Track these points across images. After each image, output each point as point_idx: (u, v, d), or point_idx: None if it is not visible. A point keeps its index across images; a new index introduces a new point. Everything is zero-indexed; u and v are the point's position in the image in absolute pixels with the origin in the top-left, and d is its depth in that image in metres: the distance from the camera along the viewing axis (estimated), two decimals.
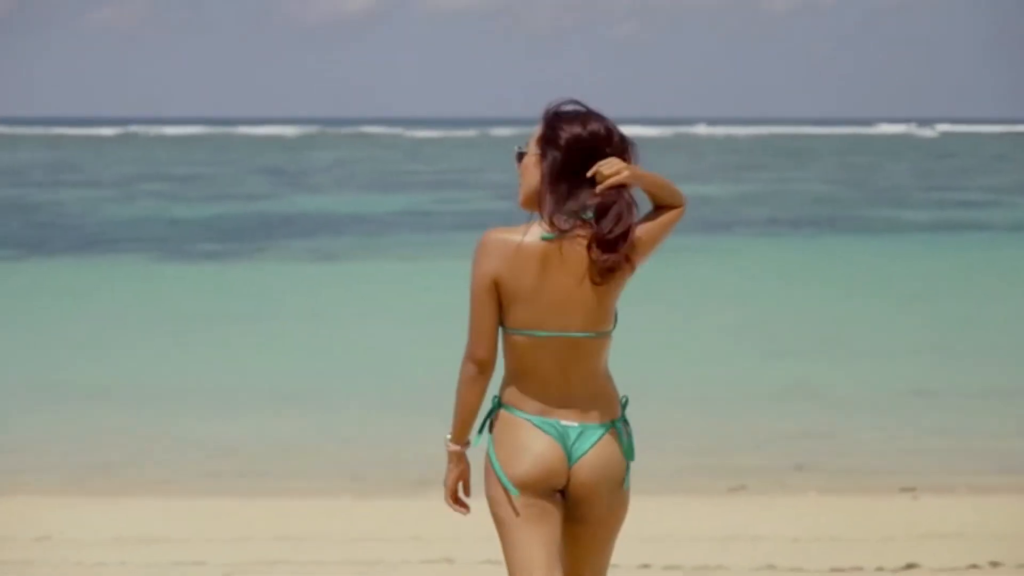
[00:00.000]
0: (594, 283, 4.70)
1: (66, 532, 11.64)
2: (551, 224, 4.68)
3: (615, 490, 4.77)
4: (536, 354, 4.66)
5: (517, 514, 4.69)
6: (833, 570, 10.37)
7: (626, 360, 19.52)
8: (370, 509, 12.68)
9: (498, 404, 4.81)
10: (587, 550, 4.77)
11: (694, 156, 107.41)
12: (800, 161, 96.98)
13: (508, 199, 56.51)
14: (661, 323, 24.37)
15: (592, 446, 4.74)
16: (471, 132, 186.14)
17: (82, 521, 12.09)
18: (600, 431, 4.76)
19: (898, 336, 23.03)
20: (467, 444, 4.94)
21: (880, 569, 10.39)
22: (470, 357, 4.75)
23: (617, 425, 4.83)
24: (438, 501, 12.84)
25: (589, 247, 4.68)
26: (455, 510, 5.05)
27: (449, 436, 4.99)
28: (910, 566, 10.47)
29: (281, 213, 49.20)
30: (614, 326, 4.87)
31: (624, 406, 4.92)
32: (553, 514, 4.69)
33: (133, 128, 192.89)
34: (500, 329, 4.74)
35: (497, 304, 4.64)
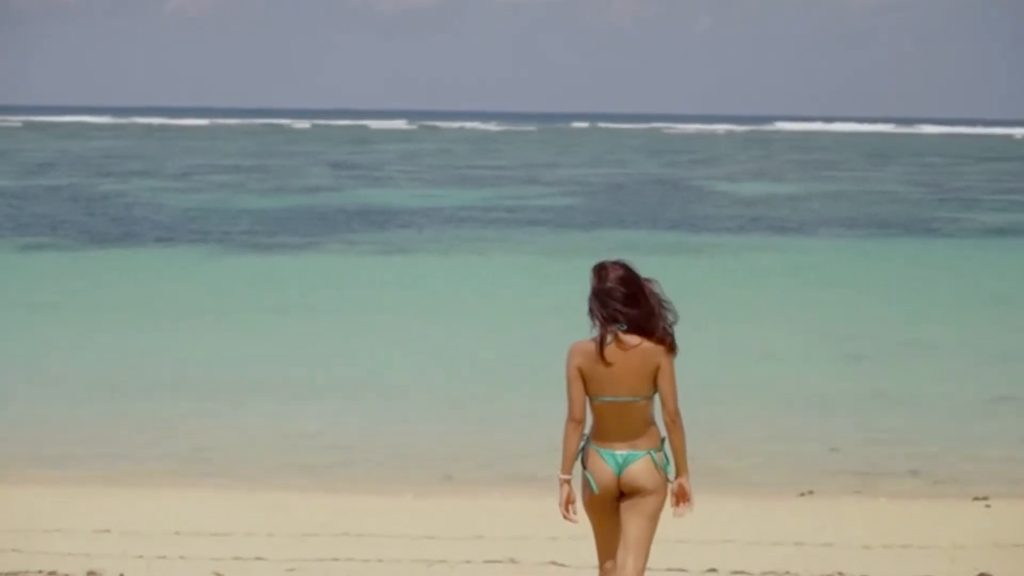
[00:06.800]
0: (629, 365, 7.43)
1: (126, 525, 11.61)
2: (607, 336, 7.47)
3: (649, 490, 7.50)
4: (604, 410, 7.48)
5: (593, 514, 7.57)
6: None
7: (704, 362, 19.39)
8: (433, 508, 12.57)
9: (587, 441, 7.57)
10: (639, 524, 7.51)
11: (771, 154, 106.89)
12: (880, 161, 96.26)
13: (576, 195, 56.45)
14: (738, 325, 24.18)
15: (632, 463, 7.49)
16: (545, 126, 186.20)
17: (142, 514, 12.05)
18: (640, 455, 7.50)
19: (976, 341, 22.70)
20: (570, 475, 7.57)
21: None
22: (570, 418, 7.50)
23: (652, 453, 7.52)
24: (501, 501, 12.82)
25: (623, 345, 7.46)
26: (568, 519, 7.60)
27: (560, 469, 7.58)
28: (982, 575, 10.26)
29: (348, 206, 49.29)
30: (653, 394, 7.50)
31: (662, 442, 7.55)
32: (613, 511, 7.55)
33: (200, 119, 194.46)
34: (587, 399, 7.54)
35: (582, 383, 7.46)
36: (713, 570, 10.39)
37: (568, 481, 7.57)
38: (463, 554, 10.77)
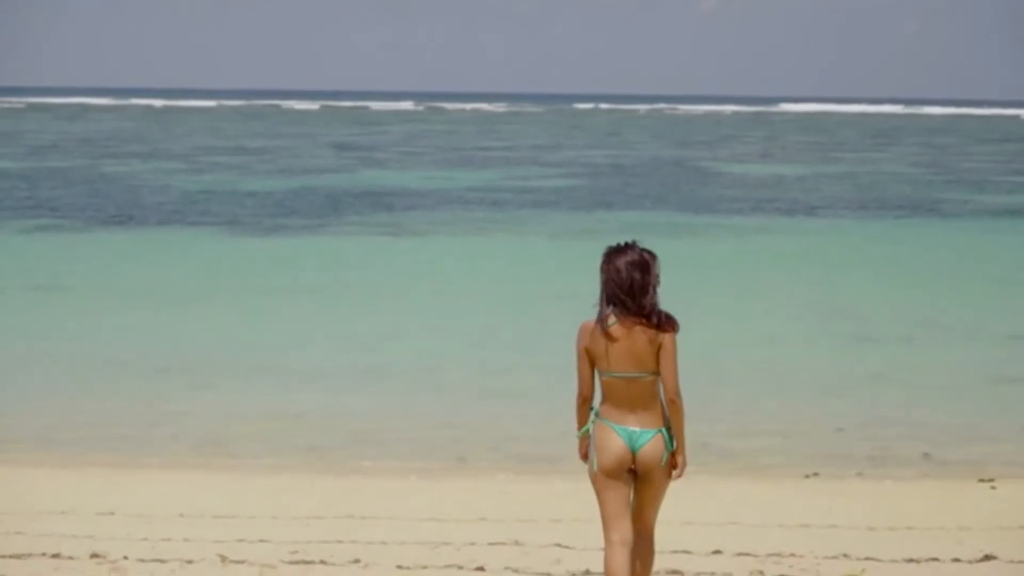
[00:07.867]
0: (634, 342, 7.72)
1: (130, 507, 11.60)
2: (610, 316, 7.78)
3: (660, 467, 7.87)
4: (612, 386, 7.82)
5: (602, 486, 7.86)
6: (908, 560, 10.16)
7: (710, 343, 19.35)
8: (437, 490, 12.56)
9: (596, 415, 7.93)
10: (649, 499, 7.96)
11: (777, 135, 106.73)
12: (886, 142, 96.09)
13: (582, 177, 56.39)
14: (744, 306, 24.14)
15: (647, 441, 7.84)
16: (550, 108, 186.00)
17: (146, 496, 12.05)
18: (651, 433, 7.86)
19: (984, 323, 22.64)
20: (586, 432, 7.98)
21: (957, 560, 10.18)
22: (579, 393, 7.92)
23: (662, 430, 7.87)
24: (506, 484, 12.81)
25: (626, 324, 7.74)
26: (584, 460, 8.05)
27: (576, 430, 8.06)
28: (988, 557, 10.25)
29: (354, 187, 49.24)
30: (657, 372, 7.77)
31: (667, 419, 7.89)
32: (623, 485, 7.87)
33: (204, 100, 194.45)
34: (596, 373, 7.86)
35: (589, 361, 7.82)
36: (718, 552, 10.37)
37: (585, 436, 8.03)
38: (467, 536, 10.75)
